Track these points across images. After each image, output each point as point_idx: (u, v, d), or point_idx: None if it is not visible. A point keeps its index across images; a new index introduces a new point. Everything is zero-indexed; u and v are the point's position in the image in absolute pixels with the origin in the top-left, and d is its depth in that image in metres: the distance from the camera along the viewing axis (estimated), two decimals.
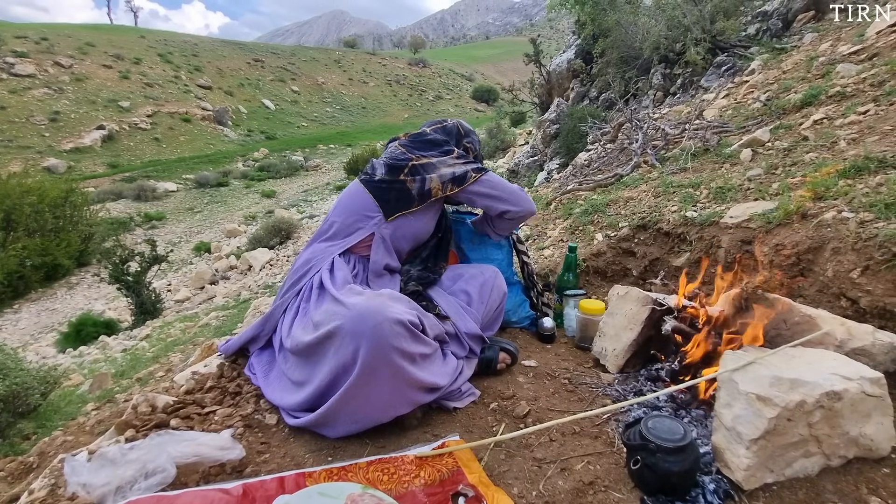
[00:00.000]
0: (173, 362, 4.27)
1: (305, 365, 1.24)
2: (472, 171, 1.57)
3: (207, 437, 1.12)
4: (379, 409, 1.16)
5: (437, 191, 1.52)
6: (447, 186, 1.53)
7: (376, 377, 1.12)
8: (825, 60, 3.35)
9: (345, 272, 1.42)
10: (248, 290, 8.84)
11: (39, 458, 1.64)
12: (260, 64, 43.77)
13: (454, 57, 74.71)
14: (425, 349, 1.22)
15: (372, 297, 1.19)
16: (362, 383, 1.11)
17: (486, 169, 1.63)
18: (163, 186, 20.55)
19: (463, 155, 1.65)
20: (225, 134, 31.11)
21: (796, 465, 1.02)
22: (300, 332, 1.27)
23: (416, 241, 1.62)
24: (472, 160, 1.66)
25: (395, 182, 1.51)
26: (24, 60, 29.19)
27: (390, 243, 1.53)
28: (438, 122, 1.76)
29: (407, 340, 1.15)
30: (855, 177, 1.76)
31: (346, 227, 1.52)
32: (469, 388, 1.38)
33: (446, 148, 1.63)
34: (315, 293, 1.35)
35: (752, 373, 1.07)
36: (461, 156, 1.63)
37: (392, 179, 1.52)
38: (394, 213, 1.50)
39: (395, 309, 1.15)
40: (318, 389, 1.18)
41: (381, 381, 1.12)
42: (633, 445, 1.04)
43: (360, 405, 1.14)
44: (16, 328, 9.46)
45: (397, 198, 1.51)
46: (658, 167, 2.96)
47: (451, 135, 1.72)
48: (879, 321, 1.35)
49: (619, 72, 7.18)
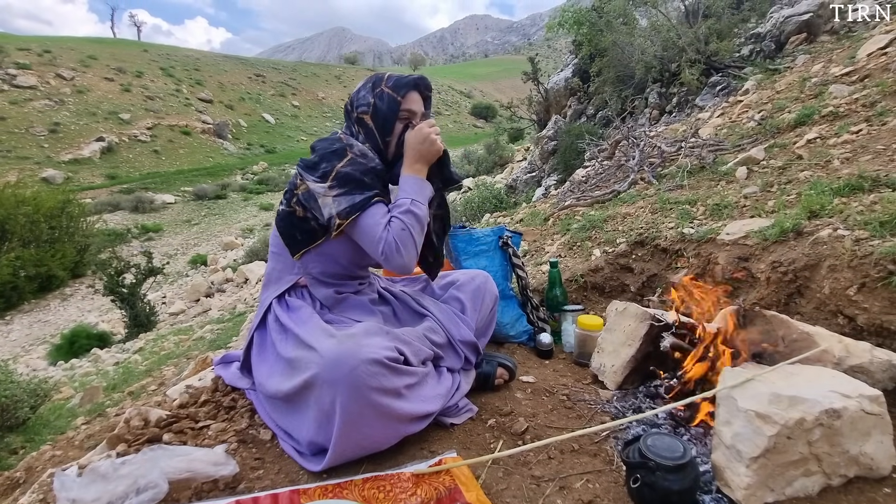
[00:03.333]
0: (166, 376, 4.22)
1: (288, 412, 1.19)
2: (338, 216, 1.21)
3: (201, 453, 1.10)
4: (377, 443, 1.13)
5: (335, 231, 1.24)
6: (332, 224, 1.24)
7: (363, 421, 1.08)
8: (818, 81, 3.41)
9: (304, 306, 1.30)
10: (244, 303, 8.79)
11: (27, 472, 1.60)
12: (261, 79, 44.28)
13: (453, 74, 75.76)
14: (410, 379, 1.17)
15: (344, 340, 1.11)
16: (349, 430, 1.07)
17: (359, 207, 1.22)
18: (161, 198, 20.57)
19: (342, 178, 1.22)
20: (224, 147, 31.29)
21: (797, 483, 1.01)
22: (277, 380, 1.19)
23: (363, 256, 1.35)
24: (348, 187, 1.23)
25: (291, 213, 1.28)
26: (26, 72, 29.44)
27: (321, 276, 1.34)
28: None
29: (387, 377, 1.10)
30: (849, 195, 1.79)
31: (271, 270, 1.37)
32: (466, 404, 1.36)
33: (323, 166, 1.24)
34: (277, 330, 1.27)
35: (751, 390, 1.07)
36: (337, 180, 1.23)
37: (286, 210, 1.30)
38: (299, 251, 1.30)
39: (369, 348, 1.09)
40: (308, 436, 1.14)
41: (369, 422, 1.08)
42: (633, 463, 1.02)
43: (356, 444, 1.11)
44: (7, 340, 9.36)
45: (292, 230, 1.30)
46: (655, 184, 2.99)
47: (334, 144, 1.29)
48: (877, 339, 1.36)
49: (616, 90, 7.29)
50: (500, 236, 1.96)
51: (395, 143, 1.35)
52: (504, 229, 2.00)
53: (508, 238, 1.97)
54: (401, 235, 1.22)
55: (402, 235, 1.22)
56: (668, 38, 6.15)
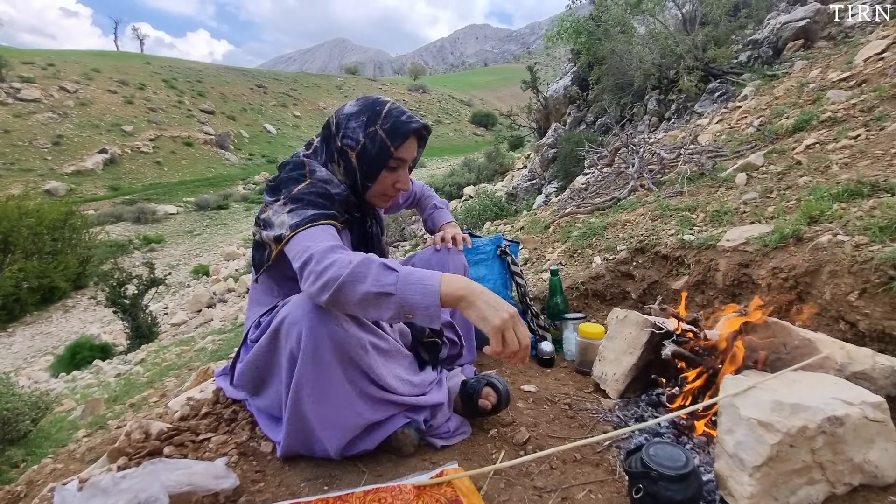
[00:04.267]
0: (168, 387, 4.21)
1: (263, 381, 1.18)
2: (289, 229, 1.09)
3: (201, 466, 1.10)
4: (344, 408, 1.07)
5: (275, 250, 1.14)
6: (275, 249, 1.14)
7: (323, 364, 1.02)
8: (816, 87, 3.43)
9: None
10: (245, 313, 8.78)
11: (28, 486, 1.60)
12: (262, 89, 44.66)
13: (453, 83, 76.28)
14: (378, 340, 1.11)
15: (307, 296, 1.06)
16: (310, 373, 1.03)
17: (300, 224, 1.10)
18: (163, 209, 20.68)
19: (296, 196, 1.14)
20: (226, 158, 31.49)
21: (801, 492, 1.00)
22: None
23: None
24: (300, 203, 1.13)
25: (257, 237, 1.22)
26: (30, 85, 29.75)
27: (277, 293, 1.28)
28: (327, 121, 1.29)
29: (349, 324, 1.04)
30: (849, 200, 1.79)
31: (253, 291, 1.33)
32: (459, 427, 1.29)
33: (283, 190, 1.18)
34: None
35: (752, 398, 1.06)
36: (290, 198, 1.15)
37: (255, 235, 1.23)
38: (258, 272, 1.26)
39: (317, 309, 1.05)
40: (276, 387, 1.11)
41: (331, 370, 1.03)
42: (635, 473, 1.02)
43: (320, 405, 1.06)
44: (9, 352, 9.36)
45: (259, 255, 1.23)
46: (654, 191, 2.99)
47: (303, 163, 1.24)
48: (879, 344, 1.35)
49: (615, 98, 7.33)
50: (497, 245, 1.97)
51: (375, 188, 1.26)
52: (501, 238, 2.00)
53: (506, 246, 1.97)
54: (350, 272, 0.96)
55: (351, 274, 0.96)
56: (666, 45, 6.20)
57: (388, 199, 1.32)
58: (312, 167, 1.22)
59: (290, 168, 1.23)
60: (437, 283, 0.98)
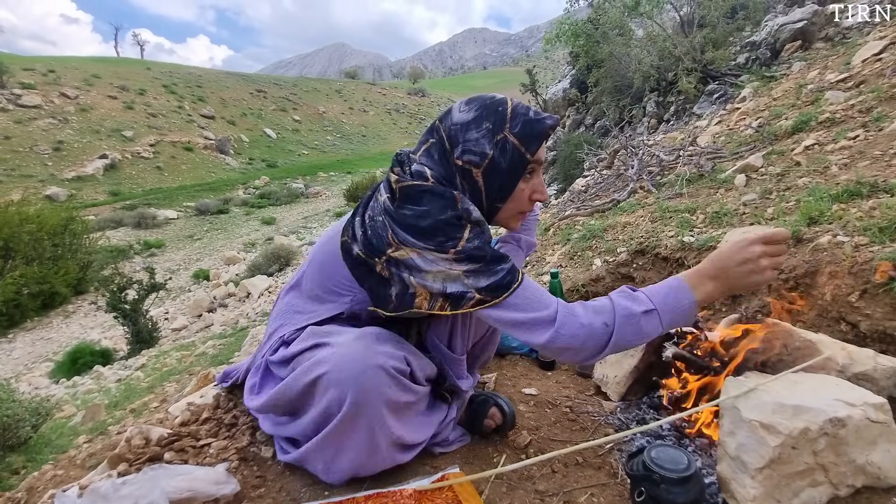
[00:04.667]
0: (168, 392, 4.20)
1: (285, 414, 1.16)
2: (479, 294, 0.96)
3: (202, 472, 1.09)
4: (352, 462, 1.08)
5: (422, 303, 1.00)
6: (436, 304, 1.00)
7: (355, 427, 1.03)
8: (814, 88, 3.44)
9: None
10: (246, 317, 8.79)
11: (28, 493, 1.59)
12: (262, 94, 44.78)
13: (452, 86, 76.45)
14: (410, 397, 1.10)
15: (354, 341, 1.05)
16: (342, 430, 1.03)
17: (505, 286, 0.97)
18: (163, 214, 20.69)
19: (470, 254, 0.97)
20: (226, 162, 31.54)
21: (804, 494, 0.99)
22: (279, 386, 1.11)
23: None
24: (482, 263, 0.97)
25: (373, 266, 1.06)
26: (30, 92, 29.84)
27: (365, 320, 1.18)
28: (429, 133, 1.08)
29: (392, 388, 1.04)
30: (848, 201, 1.79)
31: (315, 295, 1.19)
32: (458, 437, 1.28)
33: (440, 238, 0.97)
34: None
35: (754, 399, 1.06)
36: (465, 255, 0.97)
37: (368, 261, 1.06)
38: (374, 305, 1.11)
39: (379, 356, 1.02)
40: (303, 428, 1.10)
41: (359, 431, 1.04)
42: (637, 476, 1.01)
43: (334, 454, 1.07)
44: (9, 358, 9.35)
45: (377, 287, 1.07)
46: (654, 192, 3.00)
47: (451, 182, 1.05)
48: (880, 345, 1.35)
49: (614, 100, 7.36)
50: None
51: (508, 208, 1.08)
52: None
53: None
54: (616, 339, 0.95)
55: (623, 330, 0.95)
56: (665, 47, 6.23)
57: (523, 216, 1.13)
58: (465, 206, 1.01)
59: (440, 204, 0.99)
60: (691, 298, 0.98)
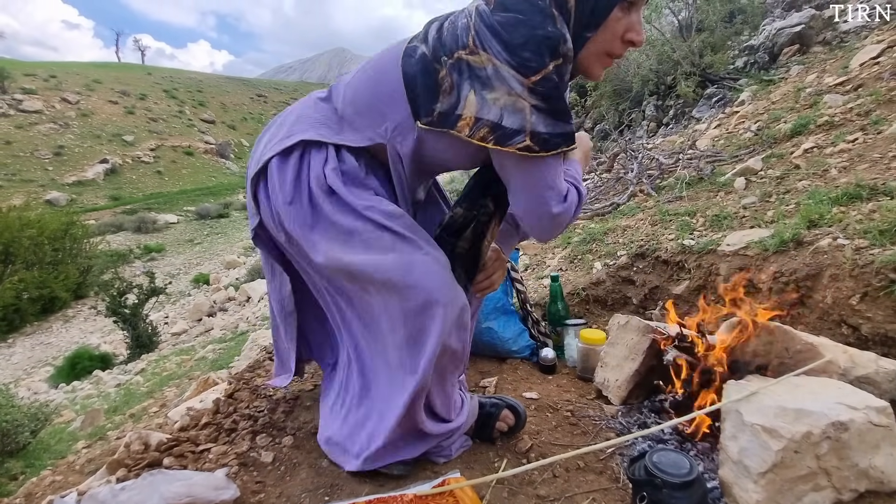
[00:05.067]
0: (168, 397, 4.19)
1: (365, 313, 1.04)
2: (531, 140, 0.85)
3: (201, 477, 1.09)
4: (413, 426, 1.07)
5: (463, 128, 0.88)
6: (480, 132, 0.87)
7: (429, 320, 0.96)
8: (812, 91, 3.45)
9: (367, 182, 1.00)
10: (246, 321, 8.77)
11: (27, 499, 1.59)
12: (263, 99, 44.92)
13: None
14: (461, 352, 1.08)
15: (445, 263, 0.96)
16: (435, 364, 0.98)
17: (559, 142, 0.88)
18: (163, 218, 20.72)
19: (547, 89, 0.84)
20: (227, 166, 31.60)
21: (806, 499, 0.99)
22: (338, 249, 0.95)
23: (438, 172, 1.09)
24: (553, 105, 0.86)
25: (433, 72, 0.91)
26: (32, 97, 29.96)
27: (406, 168, 1.00)
28: None
29: (456, 335, 1.01)
30: (848, 204, 1.79)
31: (347, 113, 1.01)
32: (460, 444, 1.25)
33: (526, 55, 0.82)
34: (323, 198, 0.96)
35: (756, 403, 1.06)
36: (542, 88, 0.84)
37: (431, 65, 0.91)
38: (413, 113, 0.94)
39: (462, 293, 0.98)
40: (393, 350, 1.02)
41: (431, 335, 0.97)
42: (639, 481, 1.01)
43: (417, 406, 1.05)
44: (9, 363, 9.33)
45: (424, 94, 0.92)
46: (654, 196, 3.00)
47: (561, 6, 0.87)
48: (882, 348, 1.34)
49: (613, 104, 7.37)
50: None
51: (597, 40, 0.91)
52: None
53: None
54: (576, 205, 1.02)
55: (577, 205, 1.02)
56: (663, 51, 6.25)
57: (610, 61, 0.97)
58: (563, 29, 0.86)
59: (539, 17, 0.84)
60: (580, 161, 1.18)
